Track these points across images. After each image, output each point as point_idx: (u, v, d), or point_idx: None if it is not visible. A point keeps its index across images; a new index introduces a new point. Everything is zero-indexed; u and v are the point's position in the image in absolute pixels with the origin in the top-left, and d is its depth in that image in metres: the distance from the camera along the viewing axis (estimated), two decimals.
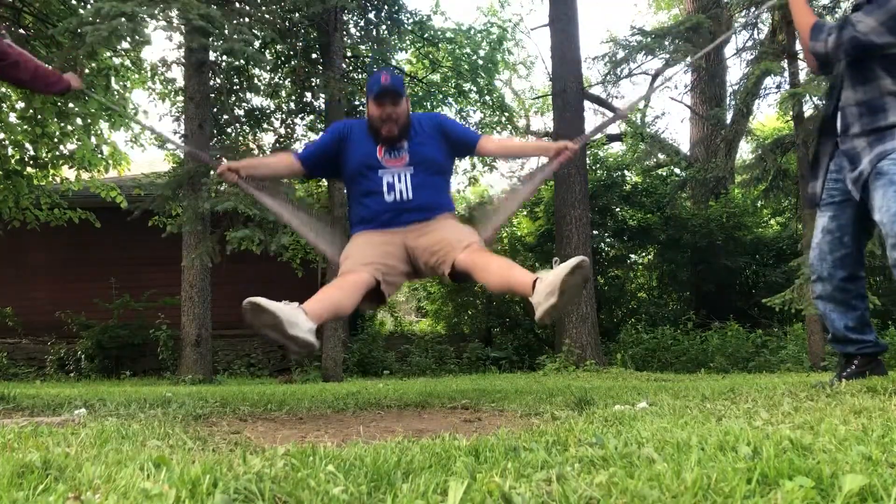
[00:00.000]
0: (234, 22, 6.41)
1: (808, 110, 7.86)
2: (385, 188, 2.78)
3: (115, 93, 9.11)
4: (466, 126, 3.54)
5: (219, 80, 8.31)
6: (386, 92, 2.78)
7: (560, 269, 2.18)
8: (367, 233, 2.78)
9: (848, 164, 2.57)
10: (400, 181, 2.78)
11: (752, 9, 7.92)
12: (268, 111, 10.90)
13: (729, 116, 12.21)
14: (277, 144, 10.51)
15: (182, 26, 6.01)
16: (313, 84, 10.33)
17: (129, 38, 5.89)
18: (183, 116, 8.52)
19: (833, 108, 2.64)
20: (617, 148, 14.78)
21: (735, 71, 13.53)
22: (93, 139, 9.09)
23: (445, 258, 2.64)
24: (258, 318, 2.13)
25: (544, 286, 2.24)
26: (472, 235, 2.74)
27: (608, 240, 12.06)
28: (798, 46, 7.96)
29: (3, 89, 8.62)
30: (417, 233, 2.74)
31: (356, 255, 2.68)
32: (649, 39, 9.31)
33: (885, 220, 2.38)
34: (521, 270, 2.48)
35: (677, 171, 13.27)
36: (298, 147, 11.52)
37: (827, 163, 2.66)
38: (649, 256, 12.42)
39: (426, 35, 12.37)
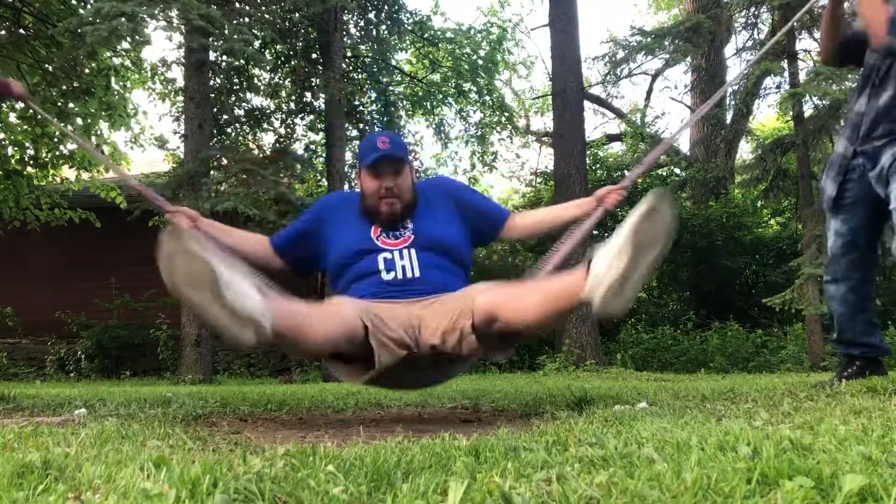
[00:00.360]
0: (234, 22, 6.42)
1: (808, 110, 7.87)
2: (382, 266, 2.14)
3: (115, 93, 9.11)
4: (489, 198, 2.64)
5: (219, 80, 8.32)
6: (384, 160, 2.16)
7: (628, 220, 1.55)
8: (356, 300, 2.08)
9: (868, 163, 2.54)
10: (402, 258, 2.14)
11: (752, 8, 7.93)
12: (268, 111, 10.92)
13: (729, 116, 12.22)
14: (277, 144, 10.51)
15: (182, 26, 6.02)
16: (313, 84, 10.33)
17: (129, 38, 5.90)
18: (183, 116, 8.52)
19: (862, 111, 2.58)
20: (617, 148, 14.79)
21: (735, 71, 13.51)
22: (93, 139, 9.09)
23: (461, 317, 1.96)
24: (180, 269, 1.44)
25: (604, 256, 1.61)
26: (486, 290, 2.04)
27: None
28: (798, 46, 7.97)
29: None
30: (422, 305, 2.06)
31: (342, 301, 2.05)
32: (649, 39, 9.32)
33: None
34: (561, 275, 1.89)
35: (677, 171, 13.27)
36: (299, 146, 11.54)
37: (844, 165, 2.62)
38: None
39: (426, 35, 12.38)
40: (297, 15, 8.86)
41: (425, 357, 1.99)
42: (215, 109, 8.50)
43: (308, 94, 10.91)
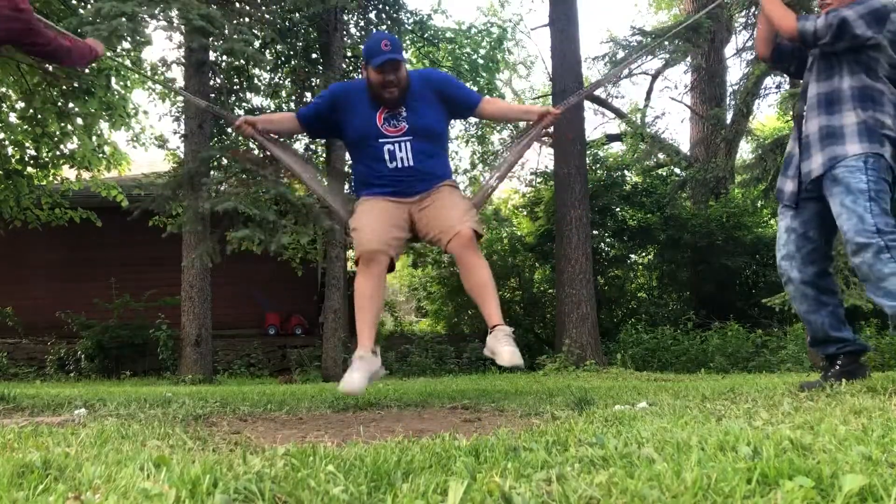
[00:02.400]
0: (234, 22, 6.41)
1: None
2: (387, 157, 2.87)
3: (115, 93, 9.11)
4: (467, 87, 3.65)
5: (219, 80, 8.31)
6: (389, 62, 2.84)
7: (494, 346, 2.59)
8: (374, 199, 2.87)
9: (802, 152, 2.66)
10: (401, 150, 2.86)
11: (752, 9, 7.92)
12: (268, 111, 10.90)
13: (729, 116, 12.22)
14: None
15: (182, 26, 6.01)
16: (313, 84, 10.33)
17: (129, 38, 5.89)
18: (183, 116, 8.52)
19: (800, 107, 2.74)
20: (617, 148, 14.78)
21: (735, 71, 13.52)
22: (93, 139, 9.09)
23: (440, 238, 2.80)
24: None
25: (491, 340, 2.63)
26: (465, 215, 2.82)
27: (608, 240, 12.06)
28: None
29: (4, 89, 8.63)
30: (420, 204, 2.85)
31: (368, 229, 2.77)
32: (649, 39, 9.32)
33: (844, 227, 2.44)
34: (491, 304, 2.72)
35: (677, 171, 13.27)
36: (299, 146, 11.54)
37: (796, 164, 2.71)
38: (649, 256, 12.42)
39: (426, 35, 12.38)
40: (297, 15, 8.86)
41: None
42: None
43: (308, 94, 10.89)
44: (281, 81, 11.06)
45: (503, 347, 2.53)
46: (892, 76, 2.57)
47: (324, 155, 10.63)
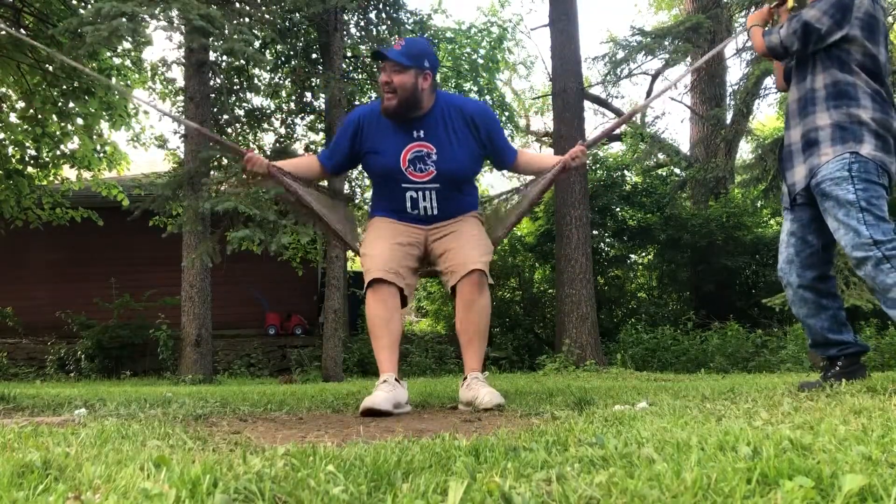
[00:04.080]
0: (234, 22, 6.41)
1: None
2: (409, 203, 2.67)
3: (116, 93, 9.11)
4: (505, 137, 3.02)
5: (219, 80, 8.31)
6: (380, 57, 2.61)
7: (468, 395, 2.52)
8: (388, 221, 2.70)
9: (785, 161, 2.66)
10: (425, 199, 2.66)
11: (752, 9, 7.91)
12: (268, 111, 10.91)
13: (729, 116, 12.21)
14: (278, 144, 10.51)
15: (182, 26, 6.02)
16: (313, 84, 10.33)
17: (129, 38, 5.89)
18: (183, 116, 8.51)
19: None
20: (617, 148, 14.79)
21: (735, 71, 13.52)
22: (93, 139, 9.09)
23: (451, 272, 2.61)
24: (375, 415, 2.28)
25: (463, 390, 2.57)
26: (483, 255, 2.62)
27: (608, 240, 12.06)
28: None
29: (4, 89, 8.63)
30: (438, 231, 2.69)
31: (378, 257, 2.57)
32: (649, 39, 9.32)
33: (842, 242, 2.42)
34: (475, 351, 2.61)
35: (677, 171, 13.27)
36: (299, 146, 11.54)
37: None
38: (649, 256, 12.42)
39: (426, 35, 12.37)
40: (297, 15, 8.86)
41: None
42: (215, 109, 8.49)
43: (308, 94, 10.91)
44: (281, 81, 11.06)
45: (481, 391, 2.44)
46: (867, 63, 2.47)
47: (322, 125, 10.60)
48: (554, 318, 10.01)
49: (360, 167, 2.98)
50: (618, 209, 11.69)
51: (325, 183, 3.15)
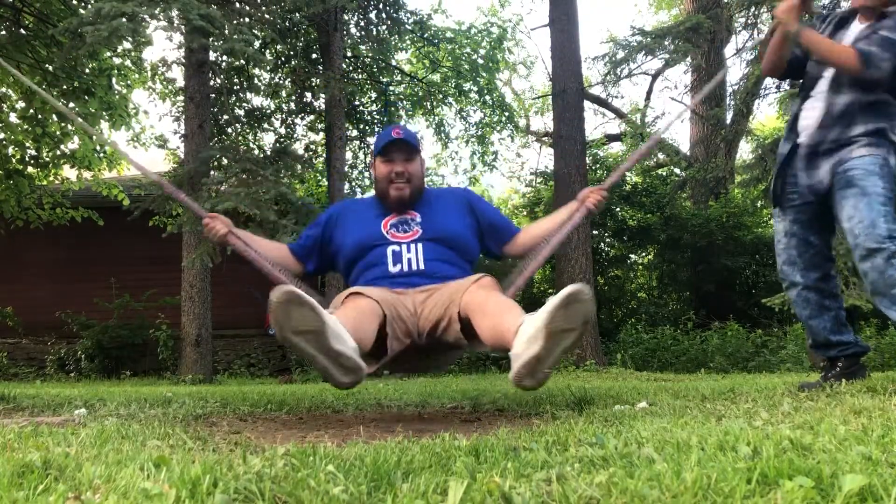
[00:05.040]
0: (234, 22, 6.41)
1: None
2: (390, 259, 2.24)
3: (116, 93, 9.12)
4: (501, 212, 2.89)
5: (219, 80, 8.31)
6: (395, 145, 2.33)
7: (545, 306, 1.58)
8: (364, 288, 2.15)
9: (805, 164, 2.59)
10: (409, 251, 2.25)
11: (752, 9, 7.92)
12: (268, 111, 10.92)
13: (729, 116, 12.21)
14: (278, 144, 10.51)
15: (182, 26, 6.02)
16: (313, 84, 10.34)
17: (129, 38, 5.90)
18: (183, 116, 8.52)
19: (798, 110, 2.66)
20: (617, 148, 14.79)
21: (735, 71, 13.50)
22: (93, 139, 9.10)
23: (451, 305, 2.06)
24: (292, 318, 1.52)
25: (525, 329, 1.63)
26: (481, 279, 2.14)
27: (608, 240, 12.06)
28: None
29: (4, 89, 8.64)
30: (426, 294, 2.17)
31: (359, 291, 2.10)
32: (649, 39, 9.32)
33: (857, 230, 2.38)
34: (515, 313, 1.82)
35: (677, 171, 13.28)
36: (299, 146, 11.54)
37: (786, 164, 2.67)
38: (649, 256, 12.43)
39: (426, 35, 12.38)
40: (297, 15, 8.86)
41: (424, 345, 2.16)
42: (215, 109, 8.50)
43: (308, 94, 10.92)
44: (281, 81, 11.07)
45: (545, 305, 1.60)
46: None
47: (324, 154, 10.62)
48: None
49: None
50: (618, 209, 11.70)
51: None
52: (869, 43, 2.46)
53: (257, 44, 8.25)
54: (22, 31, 8.01)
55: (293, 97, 11.03)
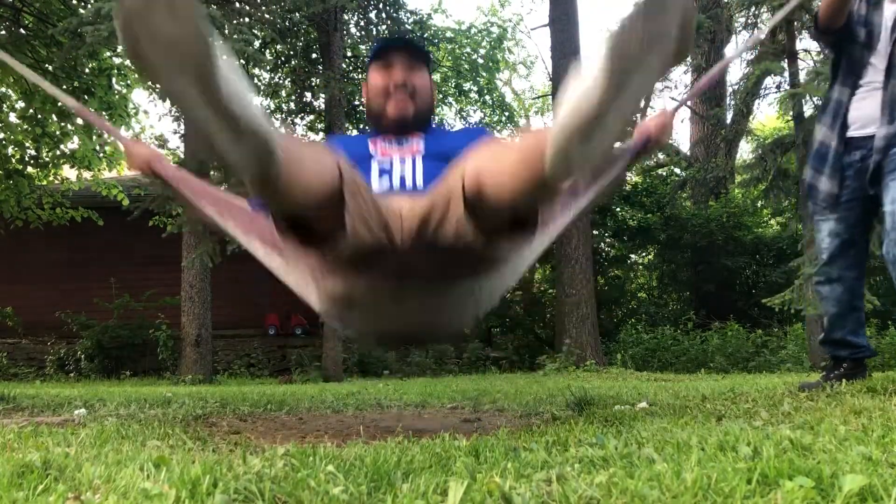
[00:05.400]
0: (234, 22, 6.41)
1: (808, 110, 7.87)
2: (375, 173, 1.72)
3: (116, 92, 9.12)
4: None
5: None
6: (395, 47, 1.81)
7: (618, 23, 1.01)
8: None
9: (859, 154, 2.49)
10: (403, 165, 1.72)
11: (752, 8, 7.92)
12: (268, 111, 10.91)
13: (729, 116, 12.22)
14: None
15: None
16: (313, 84, 10.34)
17: None
18: (183, 116, 8.52)
19: (847, 100, 2.52)
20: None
21: (735, 71, 13.51)
22: (93, 138, 9.10)
23: (451, 191, 1.35)
24: (158, 31, 0.88)
25: (577, 86, 1.03)
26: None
27: (608, 240, 12.06)
28: (798, 46, 7.96)
29: (4, 89, 8.63)
30: (414, 200, 1.47)
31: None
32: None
33: None
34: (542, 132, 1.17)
35: (677, 171, 13.28)
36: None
37: (839, 161, 2.53)
38: (649, 256, 12.43)
39: (426, 35, 12.38)
40: (297, 15, 8.85)
41: (411, 259, 1.41)
42: None
43: (308, 94, 10.91)
44: (281, 81, 11.06)
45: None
46: None
47: (322, 125, 10.60)
48: (554, 318, 10.01)
49: None
50: (618, 209, 11.70)
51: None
52: None
53: (257, 44, 8.25)
54: (22, 31, 8.01)
55: (293, 97, 11.03)
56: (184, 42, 0.88)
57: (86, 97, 8.28)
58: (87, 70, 8.24)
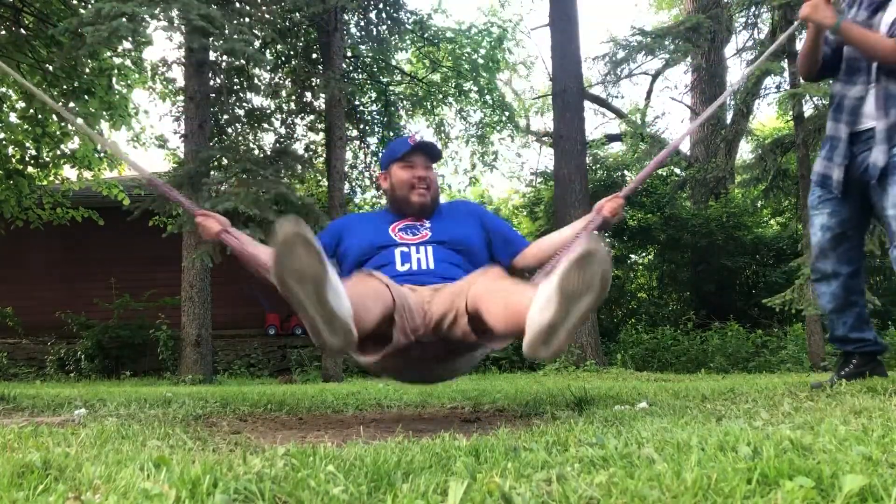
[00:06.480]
0: (234, 22, 6.41)
1: (808, 110, 7.88)
2: (398, 259, 2.17)
3: (116, 93, 9.12)
4: (510, 225, 2.58)
5: (219, 80, 8.31)
6: (419, 148, 2.30)
7: (560, 265, 1.44)
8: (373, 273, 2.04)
9: (859, 143, 2.51)
10: (418, 252, 2.19)
11: (752, 8, 7.92)
12: (268, 111, 10.91)
13: (729, 116, 12.22)
14: (278, 144, 10.52)
15: (182, 26, 6.02)
16: (313, 84, 10.34)
17: (129, 38, 5.90)
18: (183, 116, 8.52)
19: (847, 93, 2.56)
20: (617, 148, 14.79)
21: (735, 71, 13.51)
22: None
23: (458, 297, 1.94)
24: (295, 258, 1.37)
25: (539, 296, 1.52)
26: (489, 270, 2.06)
27: (608, 240, 12.06)
28: (798, 46, 7.95)
29: (4, 89, 8.64)
30: (433, 292, 2.04)
31: (371, 273, 2.01)
32: (649, 39, 9.32)
33: None
34: (528, 290, 1.71)
35: (677, 171, 13.28)
36: (299, 147, 11.52)
37: (846, 148, 2.55)
38: (649, 256, 12.43)
39: (426, 35, 12.38)
40: (297, 15, 8.86)
41: (431, 344, 2.00)
42: (215, 109, 8.49)
43: (308, 94, 10.91)
44: (281, 81, 11.06)
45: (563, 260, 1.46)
46: None
47: (324, 154, 10.62)
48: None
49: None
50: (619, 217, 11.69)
51: None
52: None
53: (257, 44, 8.24)
54: (22, 31, 8.01)
55: (293, 97, 11.03)
56: (310, 268, 1.39)
57: (86, 97, 8.29)
58: (87, 70, 8.24)
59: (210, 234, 2.21)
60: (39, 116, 8.37)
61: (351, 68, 11.73)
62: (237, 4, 7.35)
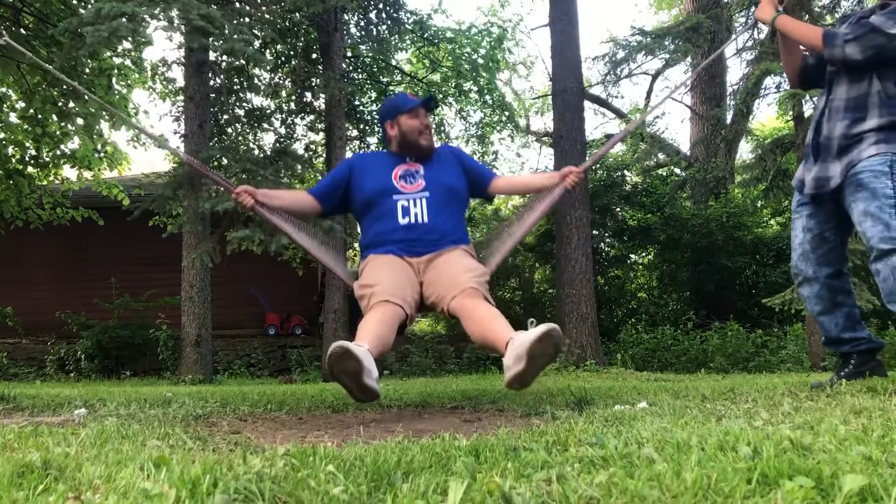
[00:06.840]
0: (234, 22, 6.41)
1: (807, 110, 7.87)
2: (400, 212, 2.69)
3: (117, 93, 9.12)
4: (482, 163, 3.18)
5: (219, 80, 8.31)
6: (425, 104, 2.83)
7: (528, 335, 2.04)
8: (385, 256, 2.64)
9: (817, 158, 2.58)
10: (415, 206, 2.69)
11: (752, 8, 7.91)
12: (268, 111, 10.91)
13: (729, 116, 12.22)
14: (278, 144, 10.52)
15: (182, 26, 6.02)
16: (313, 84, 10.34)
17: (129, 39, 5.90)
18: (183, 116, 8.52)
19: (824, 105, 2.63)
20: (617, 148, 14.78)
21: (735, 71, 13.52)
22: (93, 138, 9.10)
23: (443, 297, 2.51)
24: (342, 364, 2.02)
25: (513, 349, 2.11)
26: (474, 274, 2.55)
27: (608, 240, 12.07)
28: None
29: (4, 89, 8.64)
30: (429, 264, 2.64)
31: (384, 283, 2.49)
32: (649, 39, 9.32)
33: (868, 234, 2.38)
34: (501, 324, 2.29)
35: (677, 171, 13.28)
36: (299, 146, 11.52)
37: (813, 158, 2.63)
38: (649, 256, 12.43)
39: (426, 35, 12.38)
40: (297, 15, 8.86)
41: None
42: (215, 109, 8.50)
43: (308, 94, 10.90)
44: (281, 81, 11.06)
45: (527, 334, 2.06)
46: None
47: (324, 154, 10.62)
48: (554, 318, 10.00)
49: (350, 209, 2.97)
50: (618, 209, 11.69)
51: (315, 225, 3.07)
52: (853, 28, 2.47)
53: (257, 44, 8.25)
54: (22, 31, 8.01)
55: (293, 97, 11.02)
56: (353, 369, 2.06)
57: (86, 97, 8.29)
58: (87, 70, 8.24)
59: (246, 208, 2.67)
60: (39, 116, 8.37)
61: (351, 68, 11.74)
62: (237, 4, 7.35)
